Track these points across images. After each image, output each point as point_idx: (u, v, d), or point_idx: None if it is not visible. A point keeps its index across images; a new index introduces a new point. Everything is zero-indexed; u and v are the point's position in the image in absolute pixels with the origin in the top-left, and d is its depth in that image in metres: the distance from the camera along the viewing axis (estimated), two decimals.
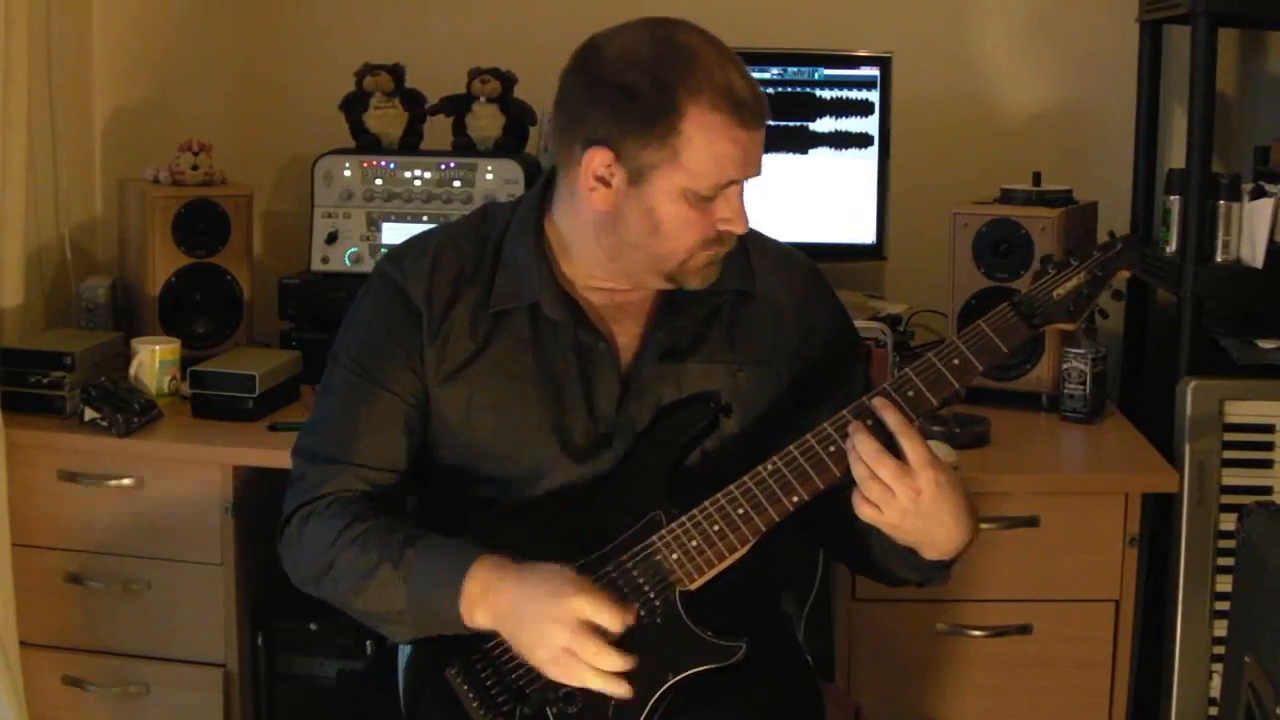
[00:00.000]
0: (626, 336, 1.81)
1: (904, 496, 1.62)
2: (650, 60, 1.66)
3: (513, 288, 1.79)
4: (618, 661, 1.61)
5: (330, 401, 1.83)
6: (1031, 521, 2.30)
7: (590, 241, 1.76)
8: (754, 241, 1.87)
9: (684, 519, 1.69)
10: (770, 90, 2.78)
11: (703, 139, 1.65)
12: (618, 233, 1.72)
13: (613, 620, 1.61)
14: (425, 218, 2.76)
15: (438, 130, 2.91)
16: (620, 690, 1.62)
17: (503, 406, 1.78)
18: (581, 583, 1.63)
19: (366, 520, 1.74)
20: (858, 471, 1.63)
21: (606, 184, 1.70)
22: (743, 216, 1.72)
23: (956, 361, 1.69)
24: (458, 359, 1.79)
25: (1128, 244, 1.74)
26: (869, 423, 1.66)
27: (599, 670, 1.61)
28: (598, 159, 1.69)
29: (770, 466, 1.68)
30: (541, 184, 1.84)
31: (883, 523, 1.65)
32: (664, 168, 1.67)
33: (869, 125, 2.80)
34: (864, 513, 1.65)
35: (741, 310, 1.83)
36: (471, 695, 1.69)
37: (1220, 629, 2.35)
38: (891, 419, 1.64)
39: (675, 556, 1.68)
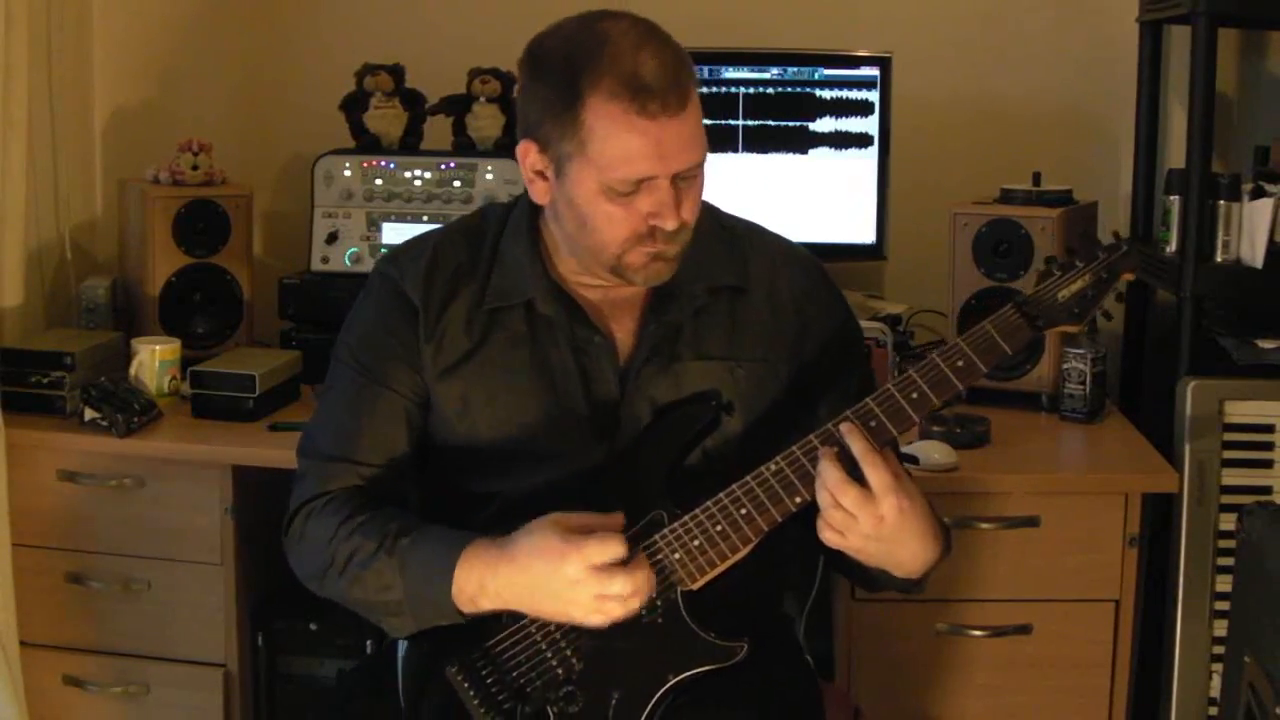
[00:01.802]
0: (623, 332, 1.81)
1: (866, 523, 1.62)
2: (565, 49, 1.66)
3: (508, 285, 1.80)
4: (641, 574, 1.63)
5: (333, 400, 1.84)
6: (1031, 521, 2.30)
7: (557, 235, 1.78)
8: (752, 237, 1.88)
9: (686, 518, 1.69)
10: (770, 90, 2.80)
11: (604, 129, 1.63)
12: (560, 226, 1.74)
13: (615, 550, 1.62)
14: (425, 218, 2.76)
15: (438, 130, 2.91)
16: (653, 583, 1.65)
17: (499, 402, 1.79)
18: (568, 533, 1.63)
19: (364, 513, 1.75)
20: (821, 499, 1.64)
21: (544, 177, 1.71)
22: (672, 212, 1.67)
23: (960, 363, 1.69)
24: (454, 355, 1.79)
25: (1132, 246, 1.73)
26: (837, 449, 1.65)
27: (638, 593, 1.63)
28: (530, 153, 1.70)
29: (773, 466, 1.67)
30: None
31: (846, 547, 1.65)
32: (577, 160, 1.66)
33: (869, 125, 2.80)
34: (827, 538, 1.65)
35: (737, 306, 1.83)
36: (472, 694, 1.69)
37: (1220, 629, 2.35)
38: (856, 445, 1.64)
39: (677, 556, 1.68)
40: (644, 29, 1.67)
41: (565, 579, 1.62)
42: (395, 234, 2.76)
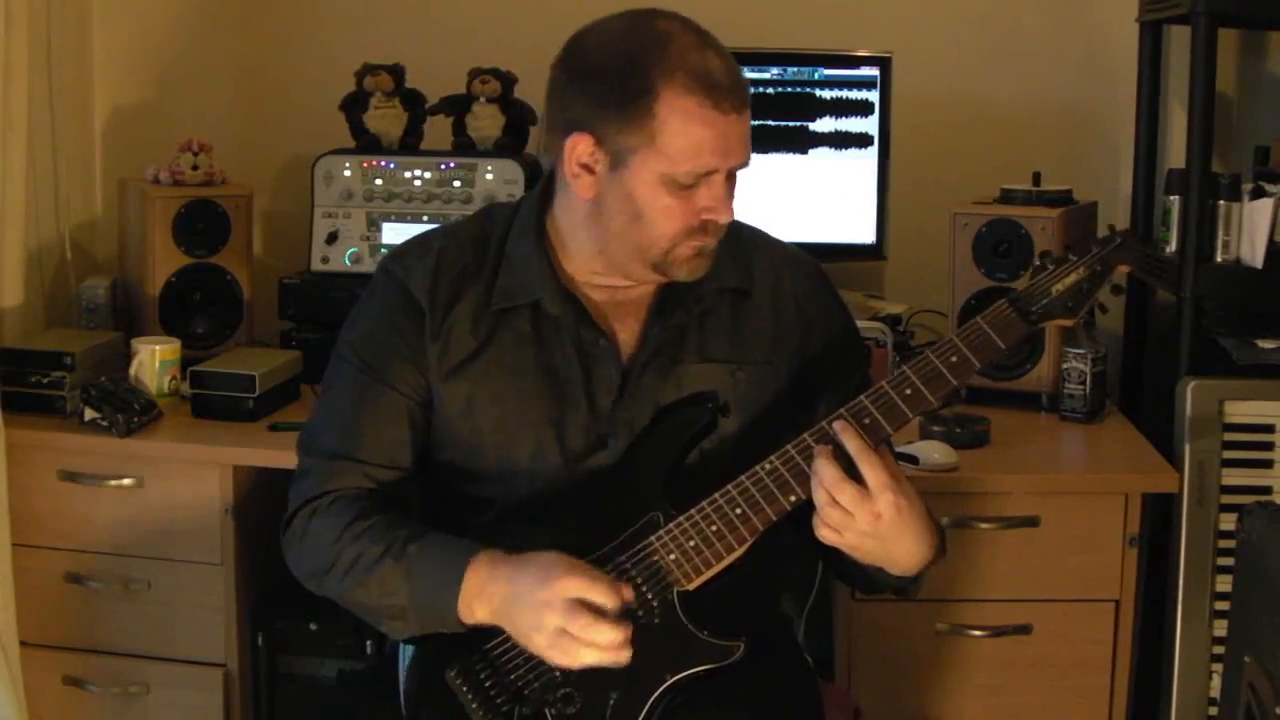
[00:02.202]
0: (627, 334, 1.81)
1: (863, 521, 1.63)
2: (626, 45, 1.67)
3: (514, 285, 1.80)
4: (612, 633, 1.59)
5: (335, 398, 1.84)
6: (1031, 521, 2.30)
7: (583, 234, 1.77)
8: (755, 240, 1.88)
9: (682, 519, 1.69)
10: (770, 90, 2.80)
11: (677, 122, 1.65)
12: (603, 221, 1.73)
13: (606, 596, 1.60)
14: (425, 218, 2.76)
15: (438, 130, 2.91)
16: (623, 658, 1.61)
17: (504, 403, 1.78)
18: (573, 565, 1.63)
19: (370, 516, 1.74)
20: (818, 497, 1.64)
21: (590, 171, 1.71)
22: (727, 206, 1.71)
23: (954, 359, 1.69)
24: (459, 356, 1.79)
25: (1127, 238, 1.73)
26: (833, 448, 1.66)
27: (595, 645, 1.60)
28: (580, 145, 1.70)
29: (768, 466, 1.68)
30: (543, 183, 1.84)
31: (842, 545, 1.66)
32: (642, 152, 1.67)
33: (869, 125, 2.80)
34: (824, 536, 1.66)
35: (740, 309, 1.83)
36: (471, 697, 1.69)
37: (1220, 629, 2.35)
38: (850, 444, 1.64)
39: (673, 556, 1.68)
40: (698, 29, 1.71)
41: (539, 599, 1.61)
42: (395, 234, 2.76)
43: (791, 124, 2.80)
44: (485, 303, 1.80)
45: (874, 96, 2.79)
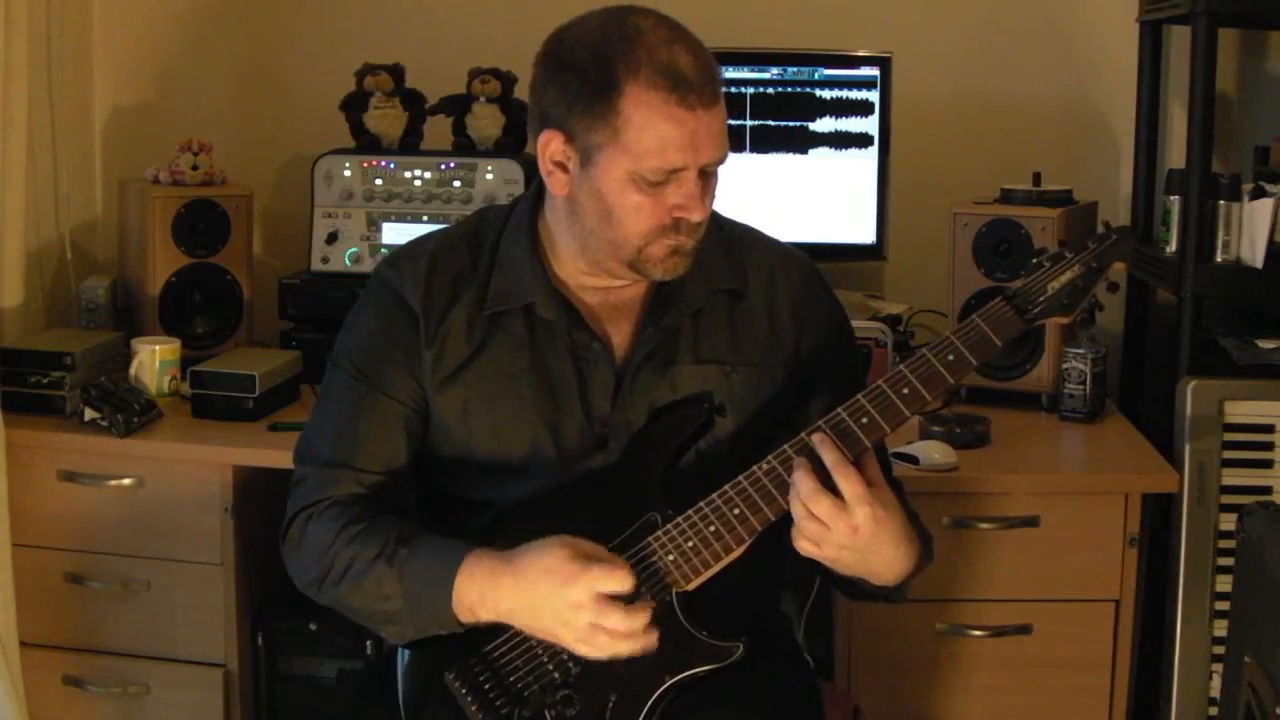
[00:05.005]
0: (621, 336, 1.81)
1: (840, 533, 1.62)
2: (596, 41, 1.66)
3: (508, 289, 1.79)
4: (639, 619, 1.62)
5: (331, 405, 1.83)
6: (1031, 521, 2.30)
7: (565, 234, 1.77)
8: (749, 241, 1.88)
9: (680, 520, 1.68)
10: (770, 90, 2.80)
11: (641, 118, 1.64)
12: (578, 219, 1.73)
13: (622, 583, 1.62)
14: (425, 218, 2.76)
15: (438, 130, 2.91)
16: (651, 641, 1.63)
17: (499, 407, 1.78)
18: (576, 554, 1.63)
19: (364, 520, 1.74)
20: (796, 510, 1.63)
21: (564, 168, 1.71)
22: (699, 204, 1.69)
23: (951, 357, 1.68)
24: (454, 362, 1.79)
25: (1123, 235, 1.73)
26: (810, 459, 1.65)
27: (634, 634, 1.62)
28: (553, 143, 1.70)
29: (765, 466, 1.68)
30: (536, 186, 1.84)
31: (821, 557, 1.66)
32: (608, 149, 1.66)
33: (869, 125, 2.80)
34: (802, 548, 1.65)
35: (735, 310, 1.83)
36: (470, 699, 1.69)
37: (1220, 629, 2.35)
38: (828, 457, 1.64)
39: (671, 558, 1.68)
40: (673, 24, 1.69)
41: (568, 601, 1.61)
42: (395, 234, 2.76)
43: (791, 124, 2.80)
44: (479, 306, 1.80)
45: (874, 96, 2.79)
